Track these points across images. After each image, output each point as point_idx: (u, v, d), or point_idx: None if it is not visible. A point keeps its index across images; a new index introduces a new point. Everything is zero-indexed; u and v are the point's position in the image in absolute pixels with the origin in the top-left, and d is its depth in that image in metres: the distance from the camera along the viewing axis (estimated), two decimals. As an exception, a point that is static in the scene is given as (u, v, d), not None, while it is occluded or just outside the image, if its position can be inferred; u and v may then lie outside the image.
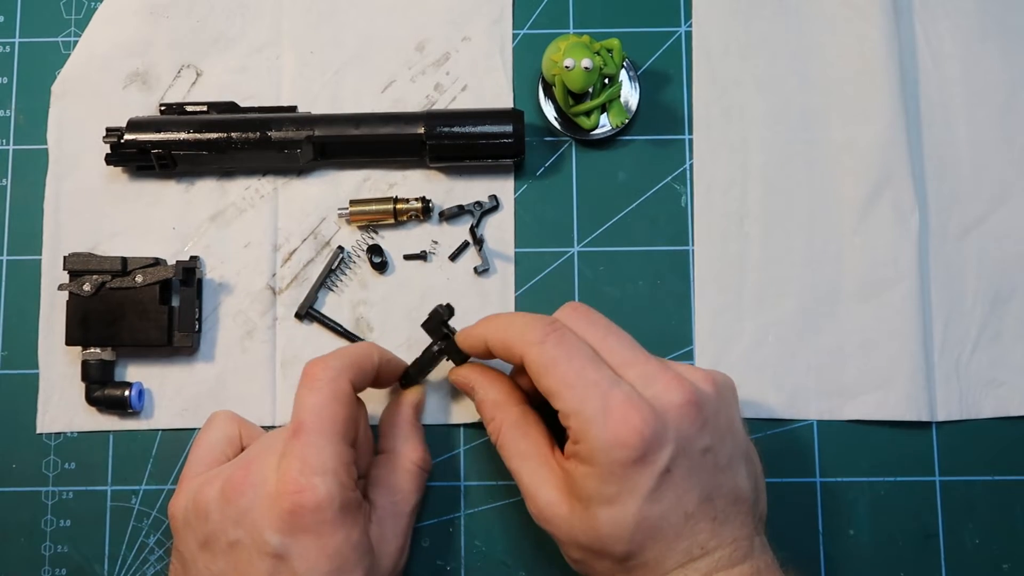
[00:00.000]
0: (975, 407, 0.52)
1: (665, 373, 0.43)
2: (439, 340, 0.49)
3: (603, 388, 0.42)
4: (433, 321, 0.49)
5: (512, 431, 0.46)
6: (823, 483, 0.52)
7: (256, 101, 0.55)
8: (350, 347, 0.48)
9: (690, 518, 0.41)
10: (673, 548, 0.41)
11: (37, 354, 0.53)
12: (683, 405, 0.42)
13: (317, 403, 0.44)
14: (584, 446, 0.41)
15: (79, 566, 0.52)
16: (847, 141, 0.54)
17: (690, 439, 0.41)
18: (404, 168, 0.55)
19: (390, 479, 0.48)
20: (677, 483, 0.41)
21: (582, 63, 0.50)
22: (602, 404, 0.41)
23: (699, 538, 0.41)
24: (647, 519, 0.41)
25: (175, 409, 0.53)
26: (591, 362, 0.43)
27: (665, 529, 0.41)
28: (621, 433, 0.40)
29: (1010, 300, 0.53)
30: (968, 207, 0.54)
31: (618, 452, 0.40)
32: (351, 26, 0.56)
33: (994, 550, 0.52)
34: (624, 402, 0.41)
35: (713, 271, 0.54)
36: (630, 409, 0.41)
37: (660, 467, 0.41)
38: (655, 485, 0.41)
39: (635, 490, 0.41)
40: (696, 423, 0.42)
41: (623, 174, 0.55)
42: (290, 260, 0.54)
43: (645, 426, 0.40)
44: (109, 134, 0.52)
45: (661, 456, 0.41)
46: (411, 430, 0.50)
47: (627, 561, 0.42)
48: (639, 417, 0.41)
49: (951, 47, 0.55)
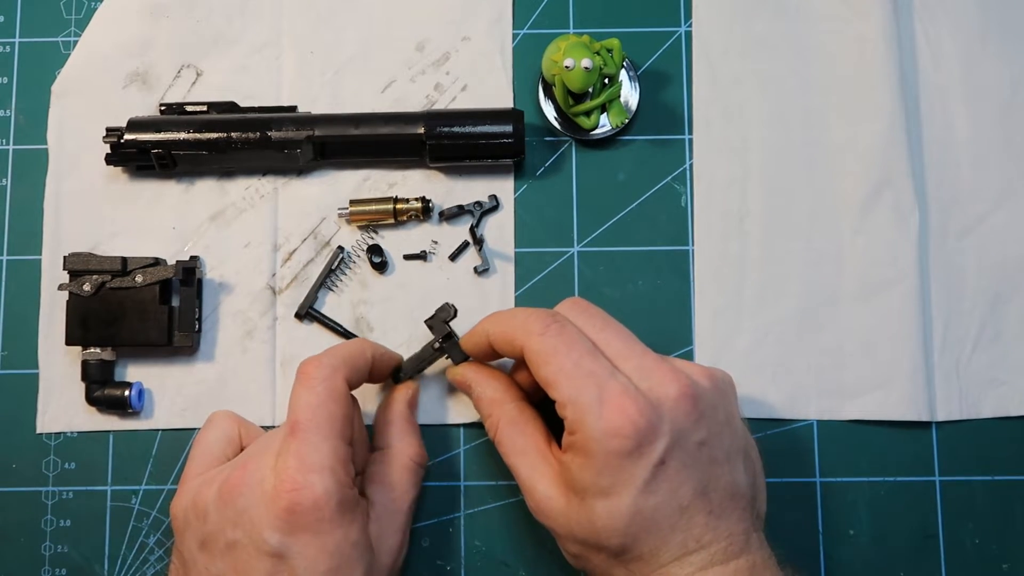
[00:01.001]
0: (975, 407, 0.53)
1: (661, 366, 0.43)
2: (441, 337, 0.49)
3: (600, 378, 0.42)
4: (438, 318, 0.49)
5: (509, 427, 0.46)
6: (823, 483, 0.52)
7: (256, 101, 0.55)
8: (343, 344, 0.48)
9: (685, 511, 0.41)
10: (668, 541, 0.41)
11: (37, 354, 0.53)
12: (679, 398, 0.42)
13: (312, 401, 0.44)
14: (580, 436, 0.42)
15: (79, 566, 0.52)
16: (847, 141, 0.54)
17: (685, 432, 0.42)
18: (404, 168, 0.55)
19: (387, 476, 0.48)
20: (672, 475, 0.41)
21: (582, 63, 0.50)
22: (598, 394, 0.41)
23: (694, 532, 0.41)
24: (642, 511, 0.41)
25: (175, 409, 0.53)
26: (589, 353, 0.43)
27: (660, 521, 0.41)
28: (616, 423, 0.41)
29: (1010, 300, 0.53)
30: (968, 207, 0.54)
31: (613, 442, 0.41)
32: (351, 26, 0.56)
33: (994, 550, 0.52)
34: (620, 393, 0.41)
35: (713, 271, 0.54)
36: (626, 399, 0.41)
37: (655, 458, 0.41)
38: (649, 476, 0.41)
39: (630, 481, 0.41)
40: (691, 416, 0.42)
41: (623, 174, 0.55)
42: (290, 260, 0.54)
43: (640, 416, 0.41)
44: (109, 134, 0.52)
45: (656, 447, 0.41)
46: (406, 426, 0.50)
47: (623, 554, 0.42)
48: (634, 407, 0.41)
49: (951, 47, 0.55)
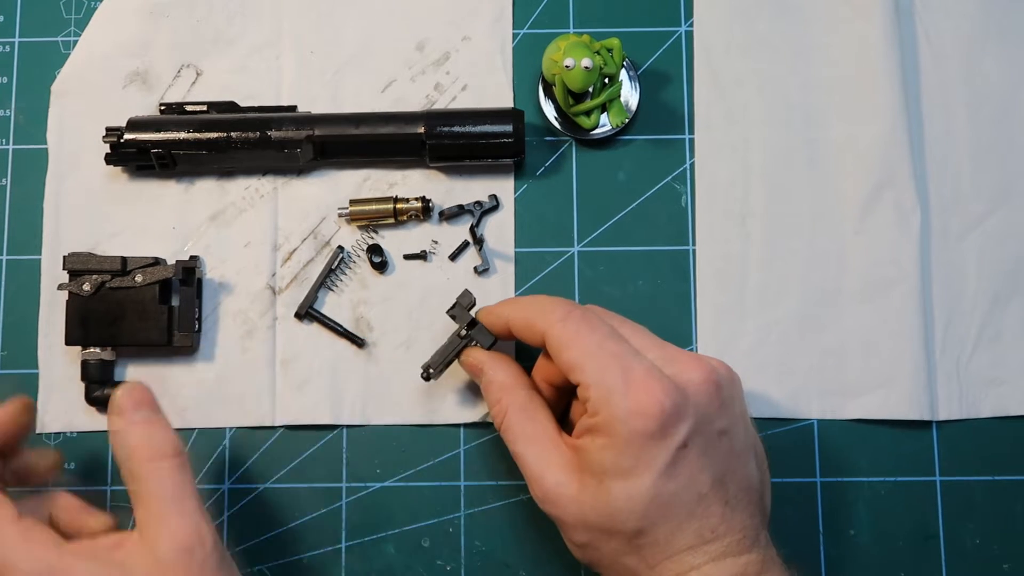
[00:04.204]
0: (975, 406, 0.53)
1: (684, 355, 0.44)
2: (466, 325, 0.49)
3: (625, 360, 0.42)
4: (460, 306, 0.49)
5: (519, 414, 0.46)
6: (823, 483, 0.52)
7: (256, 101, 0.55)
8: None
9: (703, 499, 0.41)
10: (684, 528, 0.41)
11: (37, 354, 0.53)
12: (704, 383, 0.42)
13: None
14: (603, 416, 0.41)
15: (79, 566, 0.52)
16: (848, 140, 0.54)
17: (709, 418, 0.42)
18: (404, 168, 0.55)
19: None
20: (692, 461, 0.41)
21: (582, 63, 0.50)
22: (623, 375, 0.41)
23: (711, 521, 0.41)
24: (661, 495, 0.41)
25: (175, 409, 0.53)
26: (612, 336, 0.43)
27: (677, 507, 0.41)
28: (643, 402, 0.41)
29: (1010, 300, 0.53)
30: (968, 207, 0.54)
31: (638, 422, 0.40)
32: (351, 26, 0.56)
33: (994, 550, 0.52)
34: (646, 374, 0.41)
35: (714, 270, 0.54)
36: (652, 380, 0.41)
37: (678, 441, 0.41)
38: (671, 460, 0.41)
39: (651, 463, 0.41)
40: (715, 402, 0.42)
41: (623, 174, 0.55)
42: (290, 260, 0.54)
43: (666, 397, 0.41)
44: (109, 134, 0.52)
45: (679, 430, 0.41)
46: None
47: (638, 538, 0.41)
48: (660, 388, 0.41)
49: (952, 47, 0.55)
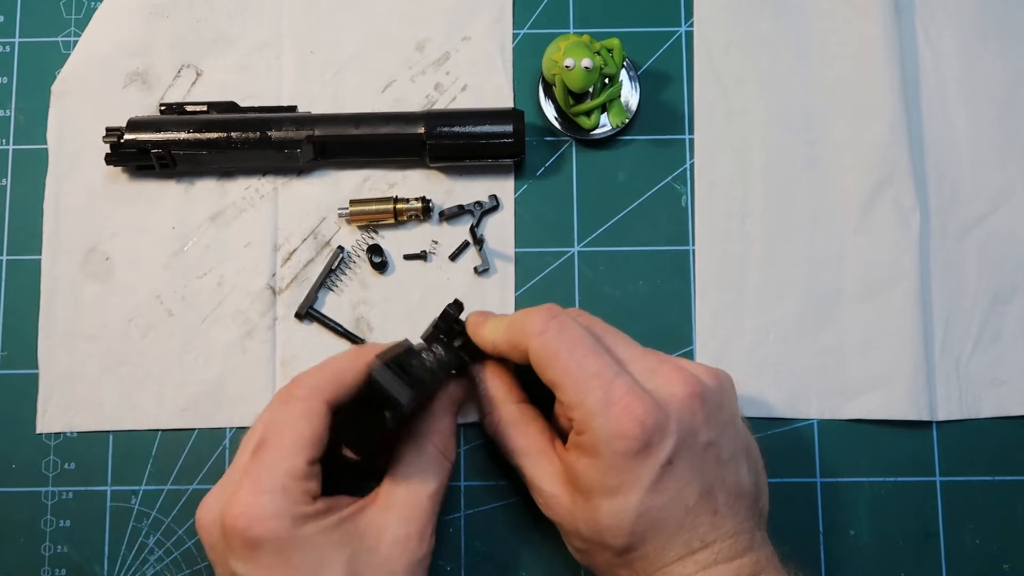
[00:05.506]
0: (975, 407, 0.52)
1: (666, 366, 0.43)
2: (457, 339, 0.48)
3: (605, 379, 0.42)
4: (446, 321, 0.48)
5: (510, 429, 0.46)
6: (823, 483, 0.52)
7: (256, 101, 0.55)
8: (335, 359, 0.46)
9: (691, 511, 0.41)
10: (673, 541, 0.41)
11: (37, 354, 0.53)
12: (686, 397, 0.42)
13: (281, 420, 0.43)
14: (587, 437, 0.41)
15: (79, 566, 0.52)
16: (848, 140, 0.54)
17: (693, 431, 0.42)
18: (404, 168, 0.55)
19: (410, 459, 0.46)
20: (679, 475, 0.41)
21: (582, 63, 0.50)
22: (604, 396, 0.41)
23: (699, 531, 0.41)
24: (648, 511, 0.41)
25: (175, 409, 0.53)
26: (592, 352, 0.43)
27: (666, 521, 0.41)
28: (624, 424, 0.40)
29: (1010, 300, 0.53)
30: (968, 207, 0.54)
31: (620, 443, 0.40)
32: (351, 26, 0.56)
33: (994, 550, 0.52)
34: (627, 393, 0.41)
35: (714, 270, 0.54)
36: (633, 400, 0.41)
37: (662, 458, 0.41)
38: (657, 477, 0.41)
39: (637, 482, 0.41)
40: (699, 416, 0.42)
41: (623, 174, 0.55)
42: (290, 260, 0.54)
43: (647, 416, 0.40)
44: (109, 134, 0.52)
45: (663, 447, 0.41)
46: (441, 416, 0.48)
47: (627, 553, 0.42)
48: (641, 408, 0.41)
49: (951, 46, 0.55)
